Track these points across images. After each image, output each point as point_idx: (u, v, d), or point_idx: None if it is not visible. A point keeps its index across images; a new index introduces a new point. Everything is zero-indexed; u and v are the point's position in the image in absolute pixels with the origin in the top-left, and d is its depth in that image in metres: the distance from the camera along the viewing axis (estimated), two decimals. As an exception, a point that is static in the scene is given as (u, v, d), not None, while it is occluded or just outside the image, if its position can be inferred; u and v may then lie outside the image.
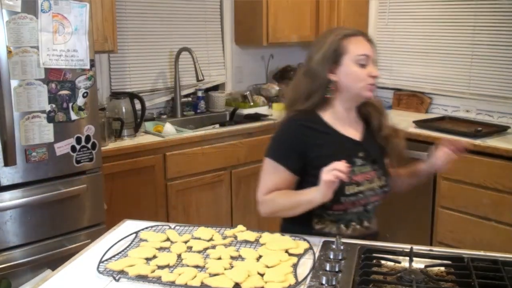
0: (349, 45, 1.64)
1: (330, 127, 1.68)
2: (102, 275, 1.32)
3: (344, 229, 1.65)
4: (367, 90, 1.67)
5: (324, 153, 1.61)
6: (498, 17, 3.12)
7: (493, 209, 2.71)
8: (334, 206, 1.61)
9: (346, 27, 1.78)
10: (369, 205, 1.68)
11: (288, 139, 1.66)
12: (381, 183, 1.69)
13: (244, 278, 1.26)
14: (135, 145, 2.79)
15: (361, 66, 1.65)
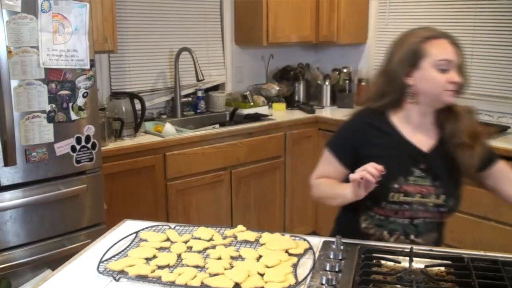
0: (430, 49, 1.56)
1: (395, 130, 1.63)
2: (102, 275, 1.32)
3: (387, 236, 1.62)
4: (447, 95, 1.56)
5: (378, 153, 1.58)
6: (498, 17, 3.12)
7: (493, 209, 2.71)
8: (374, 208, 1.60)
9: (430, 28, 1.62)
10: (416, 219, 1.60)
11: (347, 133, 1.67)
12: (438, 201, 1.59)
13: (244, 278, 1.26)
14: (135, 145, 2.79)
15: (441, 71, 1.55)
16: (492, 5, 3.15)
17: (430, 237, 1.64)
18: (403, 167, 1.57)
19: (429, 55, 1.55)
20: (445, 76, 1.54)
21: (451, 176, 1.62)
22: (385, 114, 1.65)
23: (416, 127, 1.63)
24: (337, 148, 1.67)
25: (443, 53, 1.55)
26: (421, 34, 1.58)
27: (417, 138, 1.62)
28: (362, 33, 3.90)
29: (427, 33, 1.58)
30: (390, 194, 1.57)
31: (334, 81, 3.94)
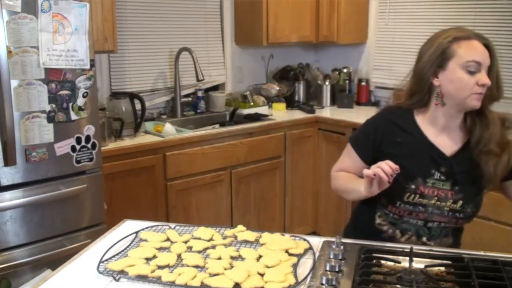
0: (459, 49, 1.51)
1: (419, 130, 1.60)
2: (102, 275, 1.32)
3: (399, 235, 1.62)
4: (474, 99, 1.50)
5: (398, 152, 1.56)
6: (498, 17, 3.12)
7: (493, 209, 2.70)
8: (389, 206, 1.60)
9: (462, 29, 1.56)
10: (431, 222, 1.58)
11: (369, 129, 1.66)
12: (455, 206, 1.56)
13: (244, 278, 1.26)
14: (135, 145, 2.79)
15: (469, 73, 1.49)
16: (492, 5, 3.15)
17: (444, 242, 1.62)
18: (423, 169, 1.55)
19: (457, 56, 1.51)
20: (473, 78, 1.49)
21: (472, 183, 1.57)
22: (412, 113, 1.63)
23: (441, 130, 1.59)
24: (358, 143, 1.67)
25: (472, 54, 1.50)
26: (451, 34, 1.54)
27: (441, 140, 1.59)
28: (362, 33, 3.90)
29: (457, 33, 1.53)
30: (406, 194, 1.55)
31: (334, 81, 3.94)
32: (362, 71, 4.00)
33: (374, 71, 3.90)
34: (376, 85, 3.90)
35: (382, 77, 3.84)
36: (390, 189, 1.47)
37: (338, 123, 3.42)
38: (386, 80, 3.81)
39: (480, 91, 1.49)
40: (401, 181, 1.51)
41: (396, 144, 1.59)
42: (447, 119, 1.58)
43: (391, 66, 3.77)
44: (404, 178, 1.52)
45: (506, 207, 2.65)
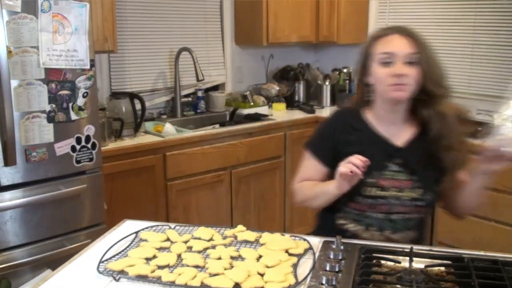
0: (375, 46, 1.57)
1: (368, 127, 1.65)
2: (102, 275, 1.32)
3: (361, 230, 1.62)
4: (392, 90, 1.53)
5: (353, 150, 1.57)
6: (498, 17, 3.12)
7: (493, 209, 2.71)
8: (350, 203, 1.61)
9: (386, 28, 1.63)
10: (393, 214, 1.59)
11: (324, 133, 1.70)
12: (414, 195, 1.58)
13: (244, 278, 1.26)
14: (135, 145, 2.79)
15: (384, 65, 1.54)
16: (492, 5, 3.15)
17: (408, 235, 1.63)
18: (377, 162, 1.57)
19: (374, 53, 1.57)
20: (388, 69, 1.53)
21: (430, 171, 1.60)
22: (360, 112, 1.68)
23: (389, 124, 1.63)
24: (316, 148, 1.70)
25: (385, 47, 1.55)
26: (373, 34, 1.63)
27: (392, 134, 1.63)
28: (362, 33, 3.90)
29: (377, 33, 1.61)
30: (365, 189, 1.57)
31: (334, 81, 3.94)
32: (362, 71, 3.99)
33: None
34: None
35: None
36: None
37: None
38: (386, 80, 3.81)
39: (394, 81, 1.52)
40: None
41: (350, 142, 1.63)
42: (388, 113, 1.62)
43: (391, 66, 3.77)
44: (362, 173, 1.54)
45: (506, 207, 2.66)
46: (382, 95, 1.59)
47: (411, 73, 1.52)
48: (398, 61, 1.53)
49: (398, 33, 1.57)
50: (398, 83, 1.52)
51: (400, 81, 1.52)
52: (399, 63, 1.53)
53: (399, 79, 1.52)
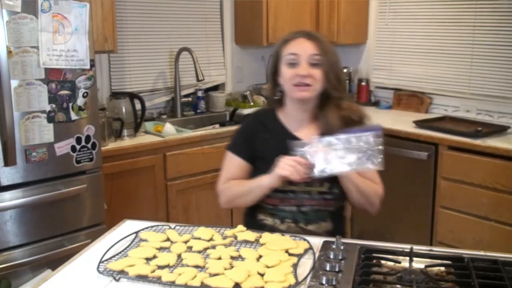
0: (284, 48, 1.69)
1: (280, 125, 1.75)
2: (102, 275, 1.32)
3: (278, 224, 1.71)
4: (295, 91, 1.65)
5: (266, 148, 1.71)
6: (498, 17, 3.12)
7: (493, 209, 2.71)
8: (264, 198, 1.69)
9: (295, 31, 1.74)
10: (304, 207, 1.68)
11: (242, 132, 1.82)
12: (322, 189, 1.67)
13: (244, 278, 1.26)
14: (135, 145, 2.79)
15: (290, 66, 1.65)
16: (492, 5, 3.15)
17: (322, 226, 1.71)
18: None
19: (282, 54, 1.68)
20: (293, 70, 1.64)
21: None
22: (274, 111, 1.78)
23: (299, 122, 1.73)
24: (236, 147, 1.79)
25: (291, 49, 1.65)
26: (283, 38, 1.72)
27: (302, 131, 1.71)
28: (362, 33, 3.90)
29: (287, 36, 1.71)
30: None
31: (334, 81, 3.94)
32: (362, 71, 4.00)
33: (374, 71, 3.90)
34: (376, 85, 3.89)
35: (382, 77, 3.84)
36: None
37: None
38: (386, 80, 3.81)
39: (297, 81, 1.63)
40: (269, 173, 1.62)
41: (265, 140, 1.74)
42: (297, 112, 1.72)
43: (391, 66, 3.77)
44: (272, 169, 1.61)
45: (506, 207, 2.66)
46: (289, 95, 1.70)
47: (314, 73, 1.63)
48: (302, 62, 1.64)
49: (304, 36, 1.68)
50: (301, 83, 1.63)
51: (304, 81, 1.63)
52: (303, 64, 1.63)
53: (302, 79, 1.63)
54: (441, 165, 2.90)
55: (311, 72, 1.63)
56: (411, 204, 3.09)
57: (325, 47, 1.66)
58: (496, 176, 2.67)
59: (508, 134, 2.95)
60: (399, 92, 3.73)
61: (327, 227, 1.72)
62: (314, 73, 1.63)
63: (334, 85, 1.66)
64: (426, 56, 3.53)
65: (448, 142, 2.87)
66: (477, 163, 2.73)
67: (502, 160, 2.65)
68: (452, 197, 2.87)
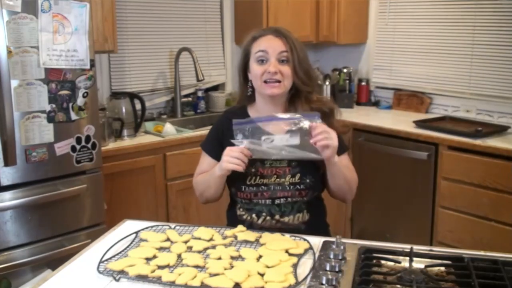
0: (253, 46, 1.70)
1: None
2: (102, 275, 1.32)
3: (255, 219, 1.72)
4: (266, 87, 1.67)
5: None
6: (498, 17, 3.12)
7: (493, 209, 2.71)
8: (238, 193, 1.72)
9: (263, 28, 1.77)
10: (277, 199, 1.69)
11: (213, 129, 1.86)
12: (294, 180, 1.69)
13: (244, 278, 1.26)
14: (135, 145, 2.79)
15: (259, 62, 1.67)
16: (492, 5, 3.15)
17: (298, 217, 1.72)
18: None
19: (252, 51, 1.70)
20: (262, 67, 1.66)
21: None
22: (245, 108, 1.81)
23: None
24: (207, 145, 1.84)
25: (260, 46, 1.68)
26: (251, 34, 1.73)
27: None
28: (362, 33, 3.90)
29: (255, 33, 1.72)
30: (247, 178, 1.69)
31: (334, 81, 3.94)
32: (362, 71, 4.00)
33: (374, 71, 3.90)
34: (376, 85, 3.90)
35: (382, 77, 3.84)
36: (234, 177, 1.67)
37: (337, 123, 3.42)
38: (386, 80, 3.81)
39: (267, 78, 1.65)
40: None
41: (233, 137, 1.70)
42: (268, 107, 1.74)
43: (391, 66, 3.77)
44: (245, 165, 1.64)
45: (506, 207, 2.66)
46: (259, 91, 1.72)
47: (283, 70, 1.66)
48: (271, 59, 1.66)
49: (273, 33, 1.70)
50: (271, 79, 1.65)
51: (274, 78, 1.65)
52: (273, 61, 1.65)
53: (272, 76, 1.65)
54: (441, 165, 2.90)
55: (280, 68, 1.65)
56: (411, 204, 3.09)
57: (293, 44, 1.67)
58: (496, 176, 2.67)
59: (508, 134, 2.95)
60: (399, 92, 3.73)
61: (304, 218, 1.73)
62: (283, 70, 1.66)
63: (303, 80, 1.69)
64: (426, 56, 3.53)
65: (448, 142, 2.87)
66: (477, 163, 2.73)
67: (502, 160, 2.65)
68: (452, 197, 2.87)
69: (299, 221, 1.72)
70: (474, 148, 2.75)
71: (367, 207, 3.36)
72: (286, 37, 1.68)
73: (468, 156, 2.78)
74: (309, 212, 1.74)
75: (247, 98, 1.81)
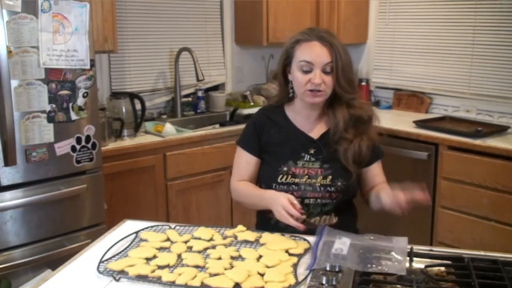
0: (297, 51, 1.69)
1: (288, 120, 1.79)
2: (102, 275, 1.32)
3: None
4: (308, 96, 1.68)
5: (272, 141, 1.77)
6: (498, 17, 3.12)
7: (493, 209, 2.71)
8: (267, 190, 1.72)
9: (306, 31, 1.71)
10: (306, 199, 1.70)
11: (250, 128, 1.84)
12: (325, 182, 1.70)
13: (244, 278, 1.27)
14: (135, 145, 2.79)
15: (303, 72, 1.67)
16: (492, 5, 3.15)
17: (324, 219, 1.73)
18: (293, 152, 1.73)
19: (295, 57, 1.70)
20: (306, 76, 1.66)
21: (339, 160, 1.72)
22: (282, 108, 1.83)
23: (306, 118, 1.78)
24: (244, 142, 1.84)
25: (304, 55, 1.67)
26: (295, 37, 1.72)
27: (308, 127, 1.77)
28: (362, 33, 3.90)
29: (299, 36, 1.70)
30: (279, 176, 1.71)
31: (334, 81, 3.94)
32: (362, 71, 4.00)
33: (374, 71, 3.90)
34: (376, 85, 3.89)
35: (382, 77, 3.84)
36: (266, 174, 1.74)
37: (338, 123, 3.42)
38: (386, 80, 3.81)
39: (311, 88, 1.66)
40: (274, 165, 1.72)
41: (271, 134, 1.79)
42: (307, 109, 1.76)
43: (391, 66, 3.77)
44: (277, 162, 1.72)
45: (506, 207, 2.66)
46: (301, 98, 1.73)
47: (326, 80, 1.67)
48: (316, 70, 1.65)
49: (319, 40, 1.67)
50: (314, 90, 1.66)
51: (316, 88, 1.66)
52: (317, 71, 1.65)
53: (316, 86, 1.65)
54: (441, 165, 2.90)
55: (324, 79, 1.66)
56: (411, 204, 3.09)
57: (338, 52, 1.67)
58: (496, 176, 2.67)
59: (508, 134, 2.95)
60: (399, 92, 3.73)
61: (331, 221, 1.73)
62: (326, 80, 1.66)
63: (345, 88, 1.69)
64: (426, 56, 3.53)
65: (448, 142, 2.87)
66: (477, 163, 2.73)
67: (502, 160, 2.65)
68: (452, 197, 2.87)
69: (325, 223, 1.71)
70: (474, 148, 2.75)
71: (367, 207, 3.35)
72: (332, 45, 1.66)
73: (468, 156, 2.78)
74: (337, 215, 1.74)
75: (286, 98, 1.81)
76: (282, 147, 1.74)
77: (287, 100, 1.81)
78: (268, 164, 1.76)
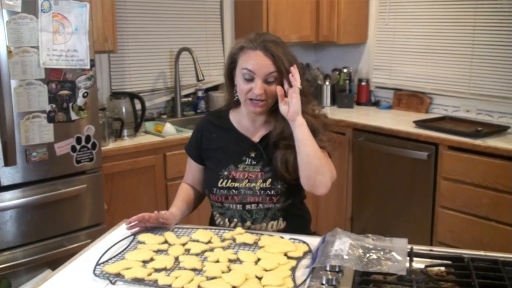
0: (240, 58, 1.64)
1: (231, 125, 1.77)
2: (98, 278, 1.31)
3: (227, 224, 1.72)
4: (249, 105, 1.64)
5: (213, 146, 1.76)
6: (498, 17, 3.12)
7: (493, 209, 2.71)
8: (210, 195, 1.74)
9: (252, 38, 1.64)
10: (247, 204, 1.67)
11: (194, 134, 1.85)
12: (265, 185, 1.66)
13: (241, 282, 1.25)
14: (135, 145, 2.79)
15: (245, 80, 1.61)
16: (492, 5, 3.15)
17: (272, 225, 1.69)
18: (234, 156, 1.71)
19: (238, 63, 1.65)
20: (248, 85, 1.62)
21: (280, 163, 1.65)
22: (227, 112, 1.80)
23: (252, 122, 1.74)
24: (189, 149, 1.86)
25: (247, 63, 1.61)
26: (241, 42, 1.66)
27: (251, 131, 1.74)
28: (362, 33, 3.90)
29: (244, 43, 1.64)
30: (219, 181, 1.69)
31: (334, 81, 3.94)
32: (362, 71, 4.00)
33: (374, 71, 3.89)
34: (376, 85, 3.89)
35: (382, 77, 3.83)
36: (207, 179, 1.74)
37: (338, 123, 3.42)
38: (386, 80, 3.81)
39: (251, 97, 1.62)
40: (216, 170, 1.71)
41: (212, 139, 1.78)
42: (250, 117, 1.73)
43: (391, 66, 3.77)
44: (218, 167, 1.71)
45: (506, 207, 2.66)
46: (243, 105, 1.70)
47: (268, 90, 1.61)
48: (257, 79, 1.60)
49: (263, 50, 1.61)
50: (254, 99, 1.62)
51: (257, 98, 1.61)
52: (258, 81, 1.60)
53: (257, 96, 1.61)
54: (441, 165, 2.90)
55: (266, 88, 1.60)
56: (411, 204, 3.09)
57: (282, 61, 1.60)
58: (496, 176, 2.67)
59: (508, 134, 2.95)
60: (399, 92, 3.73)
61: (279, 226, 1.69)
62: (268, 90, 1.61)
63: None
64: (426, 56, 3.53)
65: (448, 142, 2.86)
66: (477, 163, 2.73)
67: (502, 160, 2.65)
68: (452, 197, 2.86)
69: (274, 229, 1.68)
70: (474, 148, 2.75)
71: (367, 207, 3.36)
72: (275, 56, 1.60)
73: (468, 156, 2.77)
74: (285, 220, 1.70)
75: (234, 102, 1.77)
76: (223, 152, 1.71)
77: (235, 104, 1.77)
78: (210, 170, 1.74)
